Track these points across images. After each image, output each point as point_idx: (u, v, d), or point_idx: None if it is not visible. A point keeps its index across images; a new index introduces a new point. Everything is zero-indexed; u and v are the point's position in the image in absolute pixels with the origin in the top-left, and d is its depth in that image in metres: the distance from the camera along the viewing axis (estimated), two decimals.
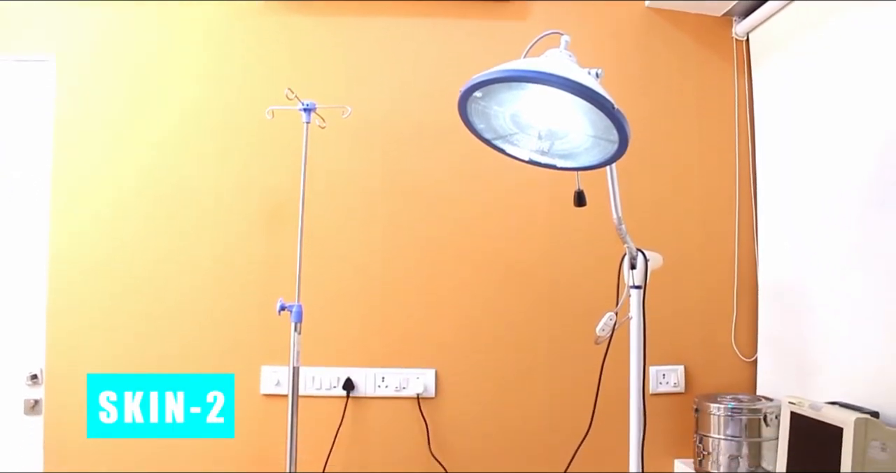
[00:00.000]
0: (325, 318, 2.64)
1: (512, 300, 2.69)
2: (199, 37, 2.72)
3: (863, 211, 2.12)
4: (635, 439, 2.27)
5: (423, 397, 2.66)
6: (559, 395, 2.68)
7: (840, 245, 2.21)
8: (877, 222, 2.06)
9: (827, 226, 2.28)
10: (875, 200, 2.07)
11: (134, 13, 2.71)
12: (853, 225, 2.16)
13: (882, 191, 2.05)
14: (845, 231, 2.19)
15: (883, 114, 2.04)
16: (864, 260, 2.10)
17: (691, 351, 2.72)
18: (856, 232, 2.15)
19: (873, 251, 2.06)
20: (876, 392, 2.02)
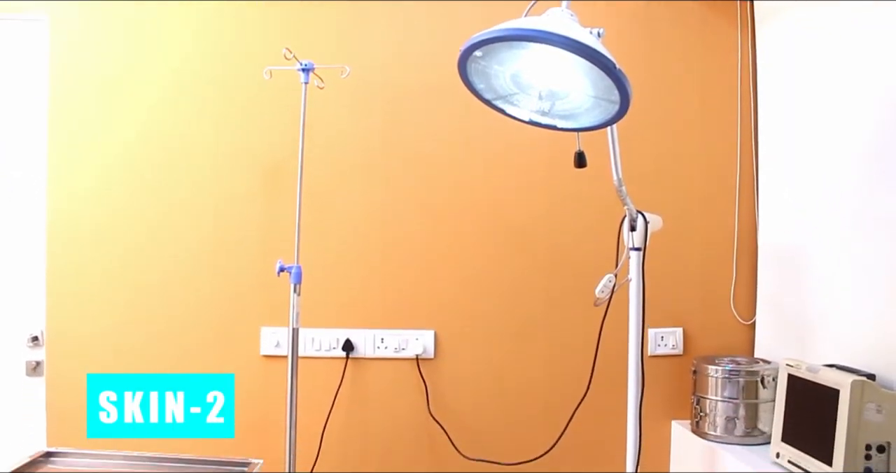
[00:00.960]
0: (325, 280, 2.64)
1: (511, 261, 2.69)
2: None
3: (865, 174, 2.11)
4: (633, 400, 2.28)
5: (423, 358, 2.67)
6: (558, 357, 2.69)
7: (841, 208, 2.20)
8: (879, 186, 2.05)
9: (828, 188, 2.26)
10: (878, 163, 2.06)
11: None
12: (855, 188, 2.15)
13: (886, 154, 2.03)
14: (847, 194, 2.18)
15: (888, 75, 2.02)
16: (865, 223, 2.10)
17: (690, 314, 2.73)
18: (857, 195, 2.14)
19: (874, 214, 2.06)
20: (873, 355, 2.03)
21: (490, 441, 2.68)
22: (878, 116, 2.06)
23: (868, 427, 1.85)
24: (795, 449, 2.08)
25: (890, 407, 1.85)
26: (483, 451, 2.67)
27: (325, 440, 2.63)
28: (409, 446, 2.66)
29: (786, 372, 2.16)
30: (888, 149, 2.02)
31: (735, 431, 2.41)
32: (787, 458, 2.11)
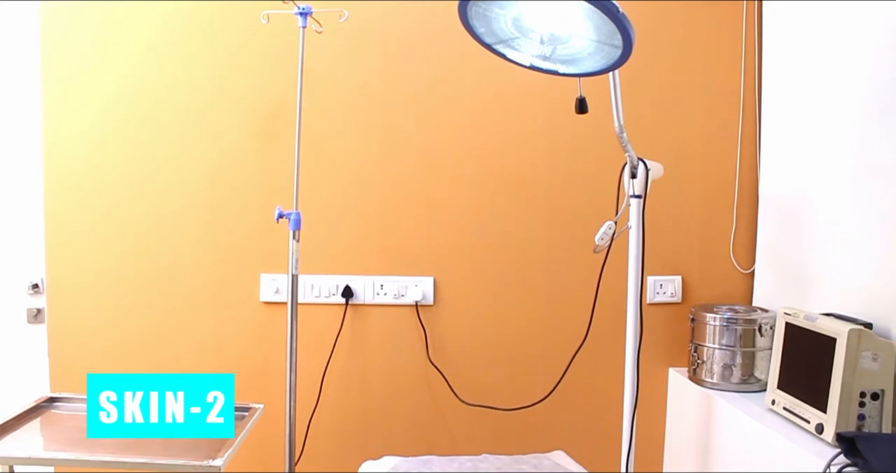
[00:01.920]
0: (324, 226, 2.63)
1: (511, 208, 2.68)
2: None
3: (868, 122, 2.09)
4: (631, 347, 2.30)
5: (422, 304, 2.68)
6: (557, 303, 2.70)
7: (844, 157, 2.18)
8: (882, 134, 2.02)
9: (830, 138, 2.24)
10: (882, 112, 2.03)
11: None
12: (858, 136, 2.13)
13: (888, 105, 2.00)
14: (850, 142, 2.16)
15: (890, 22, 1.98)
16: (867, 172, 2.08)
17: (689, 262, 2.73)
18: (860, 143, 2.12)
19: (877, 163, 2.04)
20: (870, 303, 2.03)
21: (489, 387, 2.71)
22: (884, 62, 2.03)
23: (863, 375, 1.86)
24: (791, 396, 2.10)
25: (885, 356, 1.86)
26: (482, 397, 2.70)
27: (325, 385, 2.65)
28: (409, 392, 2.69)
29: (783, 320, 2.17)
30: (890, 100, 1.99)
31: (731, 378, 2.43)
32: (783, 405, 2.13)
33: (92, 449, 1.74)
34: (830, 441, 1.89)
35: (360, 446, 2.69)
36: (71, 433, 1.85)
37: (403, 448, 2.70)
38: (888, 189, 1.99)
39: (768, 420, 2.13)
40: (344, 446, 2.69)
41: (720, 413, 2.34)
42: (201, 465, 1.67)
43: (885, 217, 2.00)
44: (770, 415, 2.17)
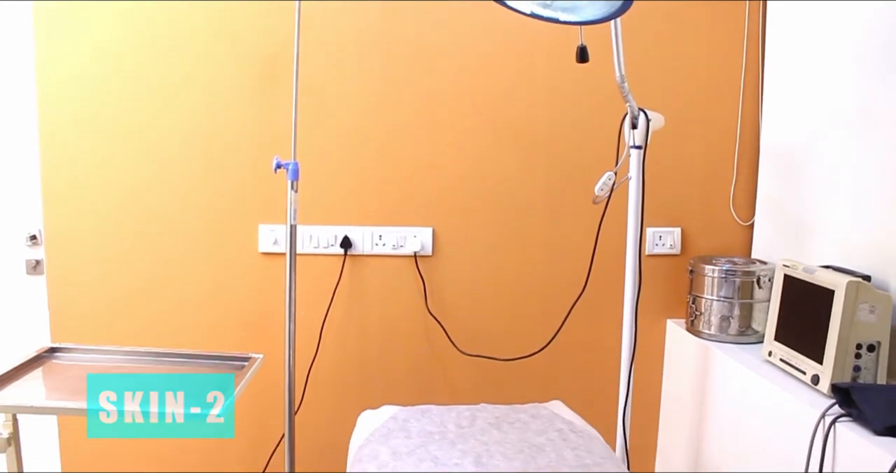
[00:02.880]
0: (322, 176, 2.62)
1: (510, 158, 2.66)
2: None
3: (872, 74, 2.06)
4: (630, 298, 2.30)
5: (421, 255, 2.68)
6: (556, 254, 2.70)
7: (846, 108, 2.16)
8: (885, 86, 2.00)
9: (835, 88, 2.21)
10: (886, 64, 2.00)
11: None
12: (862, 88, 2.10)
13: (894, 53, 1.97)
14: (853, 94, 2.13)
15: None
16: (870, 124, 2.06)
17: (689, 214, 2.72)
18: (863, 95, 2.09)
19: (879, 115, 2.02)
20: (869, 256, 2.03)
21: (487, 338, 2.72)
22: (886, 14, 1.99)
23: (860, 327, 1.87)
24: (787, 348, 2.11)
25: (883, 308, 1.86)
26: (480, 347, 2.72)
27: (324, 336, 2.67)
28: (407, 342, 2.71)
29: (782, 272, 2.17)
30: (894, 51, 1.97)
31: (729, 330, 2.44)
32: (779, 356, 2.14)
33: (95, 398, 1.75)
34: (825, 392, 1.90)
35: (358, 396, 2.71)
36: (72, 382, 1.86)
37: (402, 397, 2.72)
38: (890, 141, 1.97)
39: (765, 371, 2.15)
40: (343, 396, 2.72)
41: (717, 364, 2.36)
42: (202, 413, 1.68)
43: (886, 170, 1.98)
44: (766, 367, 2.19)
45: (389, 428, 2.03)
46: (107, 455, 2.67)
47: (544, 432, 2.02)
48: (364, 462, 1.83)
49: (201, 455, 2.70)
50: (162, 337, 2.64)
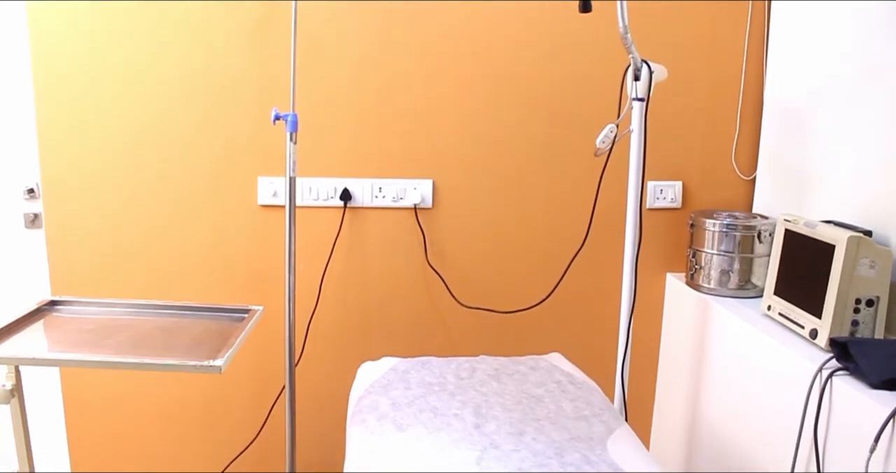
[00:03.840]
0: (321, 128, 2.59)
1: (511, 110, 2.63)
2: None
3: (878, 30, 2.02)
4: (630, 252, 2.30)
5: (421, 207, 2.67)
6: (556, 207, 2.69)
7: (852, 64, 2.13)
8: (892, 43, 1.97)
9: (840, 43, 2.18)
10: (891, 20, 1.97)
11: None
12: (867, 44, 2.07)
13: None
14: (858, 47, 2.10)
15: None
16: (874, 80, 2.03)
17: (690, 168, 2.70)
18: (869, 51, 2.06)
19: (884, 72, 1.99)
20: (871, 211, 2.03)
21: (487, 290, 2.73)
22: None
23: (859, 282, 1.87)
24: (787, 302, 2.11)
25: (883, 263, 1.86)
26: (480, 300, 2.73)
27: (323, 288, 2.67)
28: (408, 294, 2.71)
29: (783, 226, 2.17)
30: None
31: (729, 284, 2.44)
32: (778, 311, 2.15)
33: (95, 350, 1.76)
34: (823, 346, 1.92)
35: (358, 348, 2.73)
36: (74, 335, 1.87)
37: (402, 349, 2.75)
38: (893, 97, 1.95)
39: (763, 325, 2.16)
40: (343, 348, 2.73)
41: (716, 318, 2.37)
42: (202, 365, 1.69)
43: (889, 126, 1.96)
44: (765, 321, 2.20)
45: (389, 380, 2.05)
46: (110, 408, 2.70)
47: (543, 383, 2.04)
48: (364, 413, 1.85)
49: (202, 408, 2.73)
50: (161, 290, 2.65)
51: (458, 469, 1.57)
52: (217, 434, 2.76)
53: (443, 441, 1.69)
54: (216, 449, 2.78)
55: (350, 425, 1.84)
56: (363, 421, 1.81)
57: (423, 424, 1.78)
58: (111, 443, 2.74)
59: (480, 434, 1.73)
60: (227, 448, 2.78)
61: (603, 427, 1.80)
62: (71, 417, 2.71)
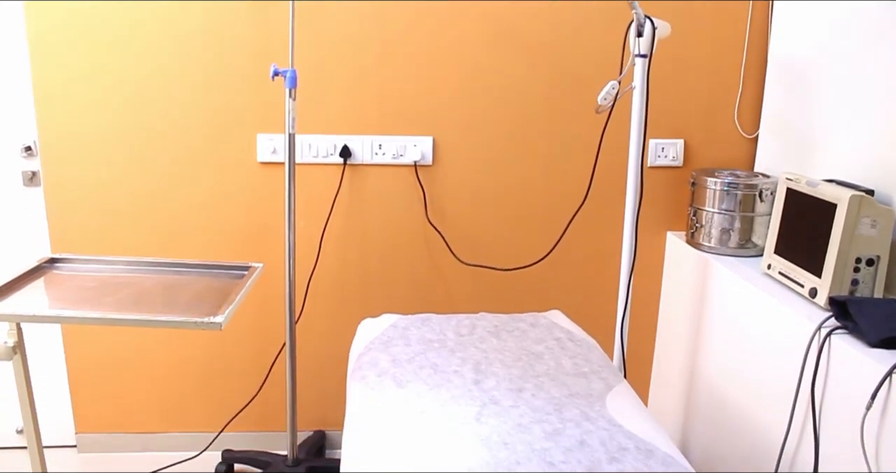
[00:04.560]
0: (321, 85, 2.57)
1: (511, 66, 2.60)
2: None
3: None
4: (630, 210, 2.29)
5: (421, 164, 2.66)
6: (557, 164, 2.68)
7: (859, 20, 2.10)
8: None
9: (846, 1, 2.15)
10: None
11: None
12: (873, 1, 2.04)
13: None
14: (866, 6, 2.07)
15: None
16: (879, 38, 2.00)
17: (692, 126, 2.68)
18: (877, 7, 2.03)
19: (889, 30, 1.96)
20: (873, 170, 2.01)
21: (487, 248, 2.73)
22: None
23: (860, 241, 1.87)
24: (787, 261, 2.11)
25: (884, 222, 1.86)
26: (480, 257, 2.73)
27: (323, 245, 2.67)
28: (408, 251, 2.71)
29: (785, 185, 2.16)
30: None
31: (729, 243, 2.44)
32: (778, 270, 2.15)
33: (96, 307, 1.76)
34: (823, 305, 1.92)
35: (359, 305, 2.74)
36: (74, 292, 1.87)
37: (402, 307, 2.76)
38: None
39: (763, 284, 2.16)
40: (343, 305, 2.74)
41: (716, 276, 2.37)
42: (203, 321, 1.69)
43: (894, 85, 1.94)
44: (765, 279, 2.20)
45: (389, 336, 2.06)
46: (112, 366, 2.72)
47: (543, 340, 2.05)
48: (364, 370, 1.86)
49: (203, 366, 2.75)
50: (161, 248, 2.65)
51: (457, 424, 1.58)
52: (218, 391, 2.79)
53: (443, 397, 1.70)
54: (217, 406, 2.80)
55: (350, 381, 1.86)
56: (363, 378, 1.82)
57: (422, 380, 1.79)
58: (114, 400, 2.76)
59: (480, 391, 1.74)
60: (228, 405, 2.81)
61: (602, 384, 1.81)
62: (73, 375, 2.73)
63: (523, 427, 1.58)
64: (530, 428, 1.57)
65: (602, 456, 1.48)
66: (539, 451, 1.48)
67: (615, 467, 1.44)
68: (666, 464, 1.47)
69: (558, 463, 1.44)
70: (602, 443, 1.53)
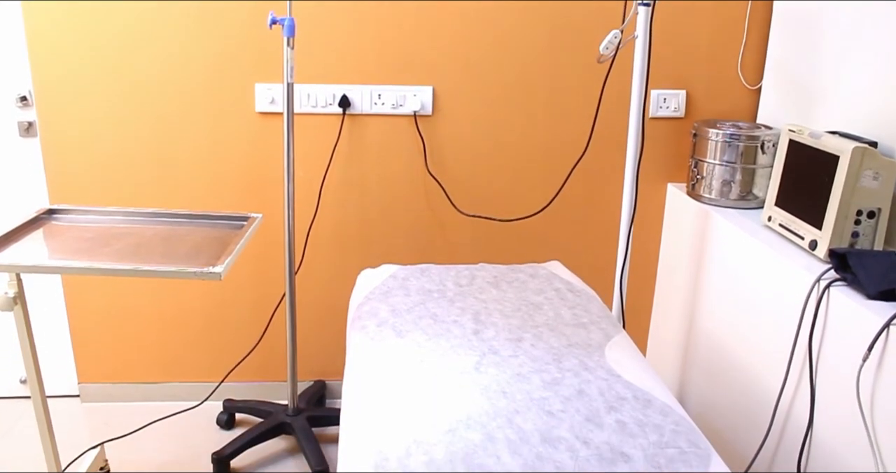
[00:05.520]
0: (319, 33, 2.53)
1: (513, 15, 2.56)
2: None
3: None
4: (631, 161, 2.28)
5: (420, 114, 2.64)
6: (558, 115, 2.66)
7: None
8: None
9: None
10: None
11: None
12: None
13: None
14: None
15: None
16: None
17: (695, 76, 2.65)
18: None
19: None
20: (877, 122, 2.00)
21: (487, 198, 2.72)
22: None
23: (862, 193, 1.86)
24: (787, 213, 2.11)
25: (887, 174, 1.85)
26: (480, 208, 2.72)
27: (323, 196, 2.66)
28: (407, 202, 2.70)
29: (787, 137, 2.14)
30: None
31: (730, 195, 2.43)
32: (779, 222, 2.15)
33: (96, 258, 1.76)
34: (822, 257, 1.92)
35: (358, 255, 2.74)
36: (73, 243, 1.87)
37: (402, 257, 2.76)
38: None
39: (763, 235, 2.16)
40: (343, 255, 2.74)
41: (716, 228, 2.37)
42: (202, 271, 1.69)
43: None
44: (765, 231, 2.20)
45: (389, 287, 2.06)
46: (113, 316, 2.73)
47: (542, 291, 2.06)
48: (364, 319, 1.87)
49: (204, 316, 2.76)
50: (160, 198, 2.64)
51: (457, 373, 1.59)
52: (219, 341, 2.80)
53: (442, 347, 1.71)
54: (218, 357, 2.82)
55: (350, 331, 1.87)
56: (363, 328, 1.83)
57: (422, 330, 1.80)
58: (115, 351, 2.78)
59: (479, 340, 1.75)
60: (228, 356, 2.83)
61: (601, 334, 1.82)
62: (75, 326, 2.74)
63: (522, 376, 1.59)
64: (529, 378, 1.58)
65: (600, 406, 1.49)
66: (538, 400, 1.50)
67: (613, 416, 1.46)
68: (663, 414, 1.48)
69: (557, 412, 1.46)
70: (600, 393, 1.54)
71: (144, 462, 2.51)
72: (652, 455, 1.35)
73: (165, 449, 2.58)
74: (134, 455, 2.55)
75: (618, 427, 1.43)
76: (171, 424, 2.73)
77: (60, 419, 2.74)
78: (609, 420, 1.44)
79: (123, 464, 2.50)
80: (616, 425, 1.43)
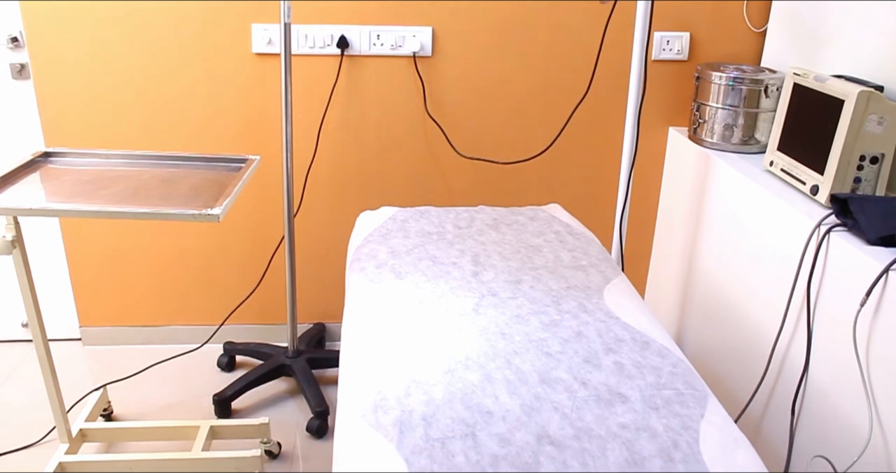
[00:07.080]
0: None
1: None
2: None
3: None
4: (633, 104, 2.26)
5: (420, 56, 2.60)
6: (559, 56, 2.62)
7: None
8: None
9: None
10: None
11: None
12: None
13: None
14: None
15: None
16: None
17: (699, 18, 2.61)
18: None
19: None
20: (884, 66, 1.97)
21: (487, 141, 2.70)
22: None
23: (866, 138, 1.85)
24: (789, 158, 2.09)
25: (892, 119, 1.83)
26: (479, 150, 2.71)
27: (321, 138, 2.64)
28: (406, 145, 2.68)
29: (791, 80, 2.11)
30: None
31: (732, 139, 2.41)
32: (780, 167, 2.13)
33: (93, 200, 1.75)
34: (823, 203, 1.92)
35: (357, 197, 2.73)
36: (70, 186, 1.86)
37: (401, 199, 2.75)
38: None
39: (764, 180, 2.15)
40: (342, 197, 2.73)
41: (717, 172, 2.36)
42: (201, 213, 1.69)
43: None
44: (766, 176, 2.19)
45: (388, 229, 2.06)
46: (112, 259, 2.73)
47: (542, 233, 2.05)
48: (363, 261, 1.87)
49: (203, 259, 2.76)
50: (156, 141, 2.61)
51: (456, 315, 1.60)
52: (218, 284, 2.81)
53: (441, 289, 1.72)
54: (218, 299, 2.83)
55: (349, 273, 1.87)
56: (362, 269, 1.83)
57: (421, 272, 1.80)
58: (115, 294, 2.79)
59: (478, 282, 1.75)
60: (228, 298, 2.84)
61: (600, 277, 1.83)
62: (74, 269, 2.74)
63: (521, 318, 1.59)
64: (528, 320, 1.59)
65: (599, 347, 1.50)
66: (536, 341, 1.51)
67: (611, 357, 1.47)
68: (661, 355, 1.49)
69: (555, 354, 1.47)
70: (599, 335, 1.55)
71: (147, 404, 2.54)
72: (649, 396, 1.36)
73: (167, 391, 2.61)
74: (136, 397, 2.58)
75: (615, 368, 1.44)
76: (173, 366, 2.76)
77: (63, 362, 2.77)
78: (607, 362, 1.45)
79: (126, 406, 2.53)
80: (614, 366, 1.44)
